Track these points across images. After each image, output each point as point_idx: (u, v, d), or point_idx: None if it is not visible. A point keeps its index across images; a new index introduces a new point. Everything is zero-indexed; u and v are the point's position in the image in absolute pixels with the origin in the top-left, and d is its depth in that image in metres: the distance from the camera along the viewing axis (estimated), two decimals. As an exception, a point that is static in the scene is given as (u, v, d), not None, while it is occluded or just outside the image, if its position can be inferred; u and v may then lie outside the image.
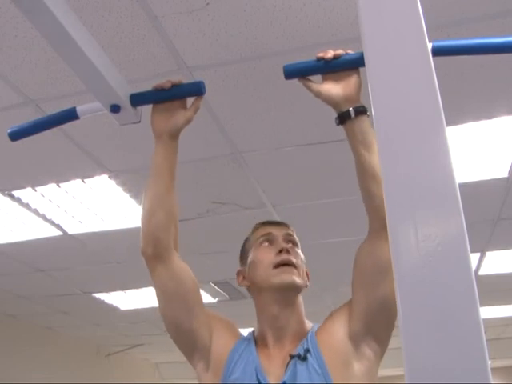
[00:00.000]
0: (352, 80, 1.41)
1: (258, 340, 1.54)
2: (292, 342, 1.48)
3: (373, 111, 0.72)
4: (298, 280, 1.50)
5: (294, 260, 1.51)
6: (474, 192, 3.77)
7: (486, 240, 4.75)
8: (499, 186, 3.77)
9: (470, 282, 0.59)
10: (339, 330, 1.43)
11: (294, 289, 1.51)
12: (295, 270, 1.50)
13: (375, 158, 1.34)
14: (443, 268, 0.60)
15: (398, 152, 0.68)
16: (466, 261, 0.60)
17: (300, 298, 1.56)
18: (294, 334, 1.50)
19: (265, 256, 1.54)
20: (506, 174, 3.62)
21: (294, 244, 1.60)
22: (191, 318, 1.52)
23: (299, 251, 1.59)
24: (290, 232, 1.62)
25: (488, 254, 5.12)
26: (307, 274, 1.61)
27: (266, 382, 1.39)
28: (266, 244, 1.58)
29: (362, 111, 1.41)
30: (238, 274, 1.66)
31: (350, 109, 1.41)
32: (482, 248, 4.99)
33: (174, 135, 1.60)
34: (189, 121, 1.59)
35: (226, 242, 4.58)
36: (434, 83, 0.69)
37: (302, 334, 1.50)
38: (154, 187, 1.55)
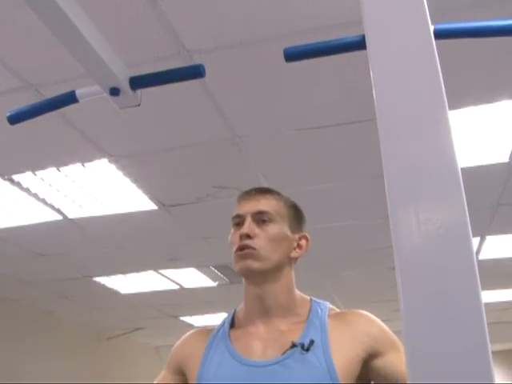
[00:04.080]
0: None
1: (243, 318, 1.51)
2: (284, 320, 1.45)
3: (374, 94, 0.71)
4: (254, 264, 1.44)
5: (251, 243, 1.46)
6: (474, 177, 3.77)
7: (486, 225, 4.76)
8: (499, 170, 3.77)
9: (471, 265, 0.59)
10: (358, 351, 1.37)
11: (252, 274, 1.47)
12: (255, 254, 1.45)
13: None
14: (444, 251, 0.60)
15: (400, 135, 0.68)
16: (468, 243, 0.60)
17: (285, 277, 1.50)
18: (283, 311, 1.46)
19: (232, 240, 1.52)
20: (506, 159, 3.61)
21: (265, 221, 1.50)
22: None
23: (271, 226, 1.50)
24: (260, 209, 1.51)
25: (488, 238, 5.12)
26: (305, 239, 1.56)
27: (249, 363, 1.37)
28: (236, 226, 1.54)
29: None
30: None
31: None
32: (481, 232, 5.00)
33: None
34: None
35: (226, 226, 4.57)
36: (436, 66, 0.69)
37: (295, 311, 1.47)
38: None
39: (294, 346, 1.36)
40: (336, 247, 5.28)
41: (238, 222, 1.53)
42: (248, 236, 1.47)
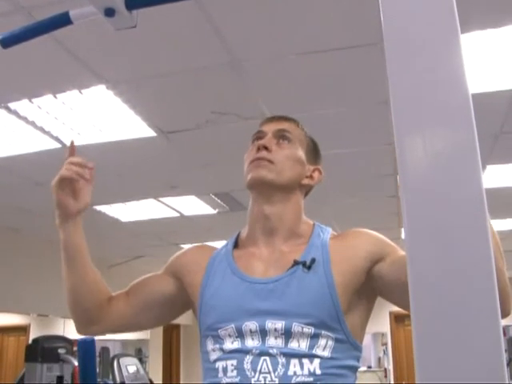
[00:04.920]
0: None
1: (246, 239, 1.52)
2: (286, 242, 1.45)
3: (382, 15, 0.67)
4: (268, 175, 1.43)
5: (267, 156, 1.45)
6: (477, 104, 3.67)
7: (487, 154, 4.73)
8: (503, 98, 3.72)
9: (479, 191, 0.58)
10: (361, 261, 1.37)
11: (264, 184, 1.44)
12: (270, 166, 1.44)
13: None
14: (452, 176, 0.58)
15: (408, 57, 0.65)
16: (476, 170, 0.59)
17: (295, 199, 1.50)
18: (287, 233, 1.46)
19: (249, 154, 1.50)
20: (510, 86, 3.55)
21: (285, 139, 1.51)
22: (156, 306, 1.56)
23: (289, 146, 1.51)
24: (283, 127, 1.52)
25: (488, 167, 5.11)
26: (319, 172, 1.57)
27: (251, 279, 1.38)
28: (255, 142, 1.52)
29: None
30: None
31: None
32: (482, 162, 4.96)
33: (82, 212, 1.52)
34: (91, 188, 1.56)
35: (226, 153, 4.57)
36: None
37: (298, 234, 1.47)
38: (71, 278, 1.52)
39: (296, 263, 1.37)
40: (336, 174, 5.28)
41: (259, 136, 1.53)
42: (266, 148, 1.46)
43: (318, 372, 1.26)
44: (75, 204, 1.47)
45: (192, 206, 6.38)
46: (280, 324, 1.30)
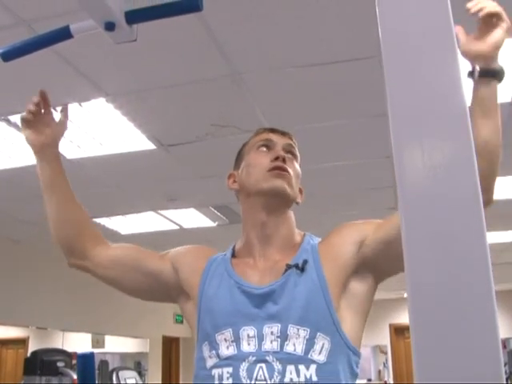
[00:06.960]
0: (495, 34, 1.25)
1: (241, 250, 1.53)
2: (280, 251, 1.46)
3: (380, 29, 0.68)
4: (288, 189, 1.45)
5: (288, 168, 1.46)
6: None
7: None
8: (501, 111, 3.71)
9: (477, 202, 0.58)
10: (347, 247, 1.40)
11: (283, 196, 1.46)
12: (288, 178, 1.46)
13: (488, 130, 1.26)
14: (450, 187, 0.59)
15: (406, 70, 0.65)
16: (474, 182, 0.59)
17: (290, 213, 1.53)
18: (282, 243, 1.48)
19: (260, 160, 1.49)
20: (509, 99, 3.56)
21: (294, 155, 1.54)
22: (146, 275, 1.58)
23: (297, 165, 1.54)
24: (291, 143, 1.55)
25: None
26: (301, 192, 1.58)
27: (247, 286, 1.39)
28: (264, 149, 1.52)
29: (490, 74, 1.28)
30: (230, 176, 1.64)
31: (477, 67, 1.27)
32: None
33: (56, 144, 1.69)
34: (65, 126, 1.74)
35: (226, 166, 4.54)
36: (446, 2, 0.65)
37: (291, 244, 1.49)
38: (49, 206, 1.71)
39: (289, 267, 1.38)
40: (336, 186, 5.29)
41: (269, 145, 1.53)
42: (284, 161, 1.47)
43: (315, 378, 1.25)
44: (38, 138, 1.65)
45: (191, 218, 6.37)
46: (276, 327, 1.31)
